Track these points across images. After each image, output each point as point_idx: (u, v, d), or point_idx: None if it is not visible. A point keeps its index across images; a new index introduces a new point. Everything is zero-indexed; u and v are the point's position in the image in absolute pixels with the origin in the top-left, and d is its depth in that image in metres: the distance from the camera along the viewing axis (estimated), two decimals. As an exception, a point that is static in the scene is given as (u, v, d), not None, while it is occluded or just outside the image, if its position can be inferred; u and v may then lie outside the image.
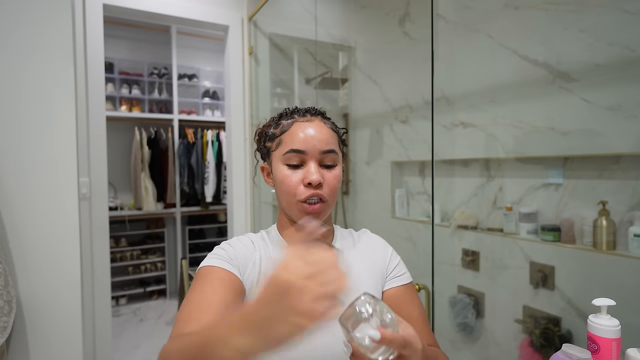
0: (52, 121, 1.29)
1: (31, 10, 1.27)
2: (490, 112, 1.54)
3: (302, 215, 0.69)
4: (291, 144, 0.69)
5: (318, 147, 0.69)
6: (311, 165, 0.69)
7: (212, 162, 3.78)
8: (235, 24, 2.28)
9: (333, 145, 0.71)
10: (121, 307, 3.53)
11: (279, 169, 0.71)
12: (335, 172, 0.71)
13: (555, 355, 0.61)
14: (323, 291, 0.37)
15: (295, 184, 0.69)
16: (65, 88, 1.31)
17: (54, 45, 1.29)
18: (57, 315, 1.29)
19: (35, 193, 1.27)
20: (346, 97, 2.36)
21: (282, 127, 0.72)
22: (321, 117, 0.75)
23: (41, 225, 1.27)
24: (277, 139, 0.72)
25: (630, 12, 1.13)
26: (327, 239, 0.77)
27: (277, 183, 0.72)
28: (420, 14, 1.84)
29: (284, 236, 0.76)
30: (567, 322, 1.28)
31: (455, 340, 1.68)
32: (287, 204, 0.71)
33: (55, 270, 1.29)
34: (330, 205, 0.71)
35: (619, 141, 1.16)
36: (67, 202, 1.31)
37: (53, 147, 1.30)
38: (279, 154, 0.71)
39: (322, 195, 0.68)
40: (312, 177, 0.67)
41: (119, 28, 3.63)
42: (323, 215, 0.71)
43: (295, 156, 0.69)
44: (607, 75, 1.19)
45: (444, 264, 1.72)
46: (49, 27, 1.29)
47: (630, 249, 1.13)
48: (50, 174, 1.29)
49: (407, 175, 2.00)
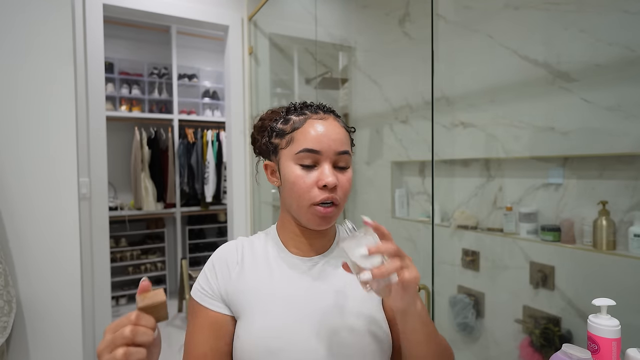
0: (52, 121, 1.29)
1: (31, 11, 1.27)
2: (490, 112, 1.54)
3: (314, 219, 0.65)
4: (304, 143, 0.65)
5: (333, 148, 0.65)
6: (325, 166, 0.65)
7: (212, 162, 3.78)
8: (235, 24, 2.28)
9: (347, 145, 0.68)
10: (121, 307, 3.53)
11: (289, 169, 0.66)
12: (348, 175, 0.68)
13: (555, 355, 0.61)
14: (112, 358, 0.43)
15: (309, 186, 0.64)
16: (65, 88, 1.31)
17: (54, 45, 1.29)
18: (57, 315, 1.29)
19: (35, 193, 1.27)
20: (346, 97, 2.36)
21: (292, 124, 0.68)
22: (334, 115, 0.70)
23: (41, 226, 1.27)
24: (288, 136, 0.67)
25: (630, 12, 1.13)
26: (328, 238, 0.75)
27: (286, 183, 0.67)
28: (420, 14, 1.84)
29: (283, 238, 0.73)
30: (567, 322, 1.29)
31: (455, 340, 1.68)
32: (297, 207, 0.66)
33: (55, 270, 1.29)
34: (341, 209, 0.67)
35: (619, 141, 1.16)
36: (67, 202, 1.31)
37: (53, 147, 1.30)
38: (290, 152, 0.66)
39: (336, 198, 0.65)
40: (327, 179, 0.63)
41: (119, 28, 3.63)
42: (334, 220, 0.67)
43: (309, 156, 0.64)
44: (607, 75, 1.19)
45: (444, 264, 1.72)
46: (49, 27, 1.29)
47: (630, 249, 1.13)
48: (50, 174, 1.29)
49: (407, 175, 2.00)
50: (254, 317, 0.65)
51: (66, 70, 1.31)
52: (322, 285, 0.68)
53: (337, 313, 0.66)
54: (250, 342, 0.63)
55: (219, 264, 0.71)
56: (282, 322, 0.64)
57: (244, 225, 2.34)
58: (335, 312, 0.66)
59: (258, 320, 0.64)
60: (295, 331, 0.63)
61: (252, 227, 2.37)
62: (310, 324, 0.64)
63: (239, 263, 0.71)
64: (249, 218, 2.35)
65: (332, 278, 0.70)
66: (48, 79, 1.29)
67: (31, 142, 1.27)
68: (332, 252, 0.73)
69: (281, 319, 0.64)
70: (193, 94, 4.05)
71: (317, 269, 0.70)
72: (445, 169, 1.75)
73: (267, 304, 0.66)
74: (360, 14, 2.37)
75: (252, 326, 0.64)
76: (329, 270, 0.71)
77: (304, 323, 0.64)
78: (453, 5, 1.68)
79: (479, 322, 1.60)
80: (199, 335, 0.67)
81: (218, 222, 4.20)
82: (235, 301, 0.68)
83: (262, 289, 0.67)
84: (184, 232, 3.95)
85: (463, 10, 1.65)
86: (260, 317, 0.64)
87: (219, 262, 0.71)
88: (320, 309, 0.66)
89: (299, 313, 0.65)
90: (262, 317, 0.64)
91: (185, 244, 3.96)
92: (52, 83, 1.29)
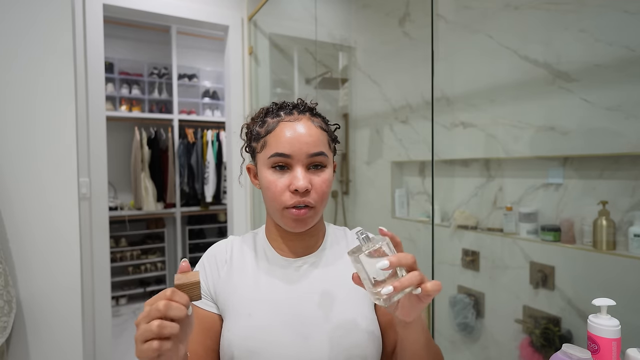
0: (52, 121, 1.29)
1: (31, 11, 1.27)
2: (490, 112, 1.54)
3: (288, 222, 0.65)
4: (276, 147, 0.63)
5: (305, 150, 0.63)
6: (297, 170, 0.63)
7: (212, 162, 3.78)
8: (235, 24, 2.28)
9: (322, 146, 0.65)
10: (121, 307, 3.53)
11: (264, 173, 0.66)
12: (325, 176, 0.65)
13: (555, 355, 0.61)
14: (148, 329, 0.45)
15: (280, 190, 0.63)
16: (66, 88, 1.31)
17: (54, 45, 1.29)
18: (57, 315, 1.29)
19: (35, 193, 1.27)
20: (346, 97, 2.36)
21: (267, 127, 0.67)
22: (310, 114, 0.68)
23: (41, 225, 1.27)
24: (262, 139, 0.66)
25: (630, 12, 1.13)
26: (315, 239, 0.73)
27: (263, 187, 0.67)
28: (420, 14, 1.84)
29: (269, 239, 0.73)
30: (567, 322, 1.29)
31: (455, 340, 1.68)
32: (273, 210, 0.66)
33: (55, 270, 1.29)
34: (318, 211, 0.66)
35: (619, 141, 1.16)
36: (67, 202, 1.31)
37: (53, 147, 1.30)
38: (263, 156, 0.66)
39: (309, 202, 0.63)
40: (298, 183, 0.62)
41: (119, 28, 3.63)
42: (311, 222, 0.66)
43: (280, 160, 0.63)
44: (607, 75, 1.19)
45: (444, 264, 1.72)
46: (48, 27, 1.29)
47: (630, 249, 1.13)
48: (50, 173, 1.29)
49: (407, 175, 2.00)
50: (239, 318, 0.65)
51: (66, 70, 1.31)
52: (307, 287, 0.68)
53: (322, 316, 0.65)
54: (234, 343, 0.63)
55: (209, 263, 0.72)
56: (266, 323, 0.64)
57: (244, 225, 2.34)
58: (320, 315, 0.65)
59: (242, 321, 0.65)
60: (279, 333, 0.63)
61: (252, 227, 2.37)
62: (293, 327, 0.64)
63: (227, 262, 0.71)
64: (248, 218, 2.35)
65: (318, 280, 0.69)
66: (48, 79, 1.29)
67: (31, 142, 1.26)
68: (322, 252, 0.72)
69: (265, 321, 0.64)
70: (193, 94, 4.05)
71: (304, 270, 0.70)
72: (445, 169, 1.75)
73: (251, 305, 0.66)
74: (360, 14, 2.37)
75: (235, 326, 0.64)
76: (316, 272, 0.70)
77: (287, 325, 0.64)
78: (453, 5, 1.68)
79: (479, 322, 1.60)
80: (194, 335, 0.67)
81: (218, 222, 4.20)
82: (222, 300, 0.68)
83: (247, 290, 0.68)
84: (184, 232, 3.96)
85: (463, 10, 1.65)
86: (244, 318, 0.65)
87: (208, 262, 0.72)
88: (305, 312, 0.65)
89: (283, 315, 0.65)
90: (246, 318, 0.65)
91: (185, 244, 3.96)
92: (52, 83, 1.29)
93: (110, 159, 3.18)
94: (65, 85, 1.31)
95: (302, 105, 0.70)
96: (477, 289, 1.61)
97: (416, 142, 1.88)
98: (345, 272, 0.70)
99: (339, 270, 0.70)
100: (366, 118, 2.22)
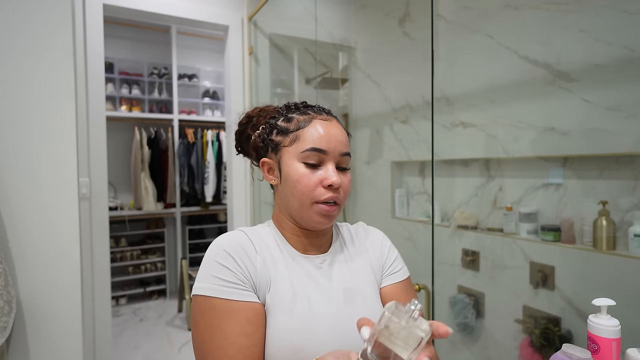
0: (52, 121, 1.29)
1: (31, 10, 1.27)
2: (490, 112, 1.54)
3: (315, 217, 0.66)
4: (312, 142, 0.66)
5: (339, 149, 0.68)
6: (330, 166, 0.67)
7: (212, 162, 3.78)
8: (235, 24, 2.28)
9: (349, 148, 0.71)
10: (121, 307, 3.53)
11: (293, 167, 0.66)
12: (349, 177, 0.71)
13: (555, 355, 0.61)
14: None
15: (314, 184, 0.65)
16: (65, 88, 1.31)
17: (54, 45, 1.29)
18: (57, 315, 1.29)
19: (35, 193, 1.27)
20: (346, 97, 2.36)
21: (297, 122, 0.69)
22: (336, 119, 0.73)
23: (41, 226, 1.27)
24: (292, 134, 0.68)
25: (630, 12, 1.13)
26: (327, 237, 0.75)
27: (289, 181, 0.67)
28: (420, 14, 1.84)
29: (285, 237, 0.71)
30: (567, 322, 1.29)
31: (455, 340, 1.68)
32: (299, 205, 0.66)
33: (55, 270, 1.29)
34: (341, 209, 0.69)
35: (619, 141, 1.16)
36: (67, 202, 1.31)
37: (53, 147, 1.30)
38: (294, 150, 0.67)
39: (339, 198, 0.67)
40: (333, 178, 0.65)
41: (119, 28, 3.63)
42: (334, 219, 0.69)
43: (315, 155, 0.66)
44: (607, 75, 1.19)
45: (444, 264, 1.72)
46: (48, 27, 1.29)
47: (630, 249, 1.13)
48: (50, 173, 1.29)
49: (407, 175, 2.00)
50: (281, 314, 0.63)
51: (66, 70, 1.31)
52: (334, 284, 0.69)
53: (351, 312, 0.67)
54: (275, 342, 0.62)
55: (237, 252, 0.64)
56: (307, 322, 0.63)
57: (244, 225, 2.34)
58: (349, 310, 0.67)
59: (284, 318, 0.63)
60: (318, 331, 0.63)
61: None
62: (330, 324, 0.64)
63: (259, 253, 0.66)
64: (249, 218, 2.35)
65: (339, 276, 0.71)
66: (48, 79, 1.29)
67: (31, 142, 1.26)
68: (334, 251, 0.74)
69: (306, 320, 0.63)
70: (193, 94, 4.05)
71: (326, 267, 0.71)
72: (445, 169, 1.75)
73: (291, 302, 0.64)
74: (360, 14, 2.37)
75: (278, 323, 0.62)
76: (335, 268, 0.72)
77: (325, 323, 0.64)
78: (453, 5, 1.68)
79: (479, 322, 1.60)
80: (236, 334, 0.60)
81: (218, 222, 4.20)
82: (262, 294, 0.64)
83: (284, 285, 0.65)
84: (184, 232, 3.96)
85: (463, 10, 1.65)
86: (286, 314, 0.63)
87: (235, 251, 0.64)
88: (336, 308, 0.66)
89: (320, 312, 0.65)
90: (287, 314, 0.63)
91: (185, 244, 3.96)
92: (52, 83, 1.29)
93: (110, 159, 3.18)
94: (65, 85, 1.31)
95: (326, 109, 0.74)
96: (477, 289, 1.61)
97: (416, 142, 1.88)
98: (361, 268, 0.73)
99: (358, 266, 0.74)
100: (366, 118, 2.22)
